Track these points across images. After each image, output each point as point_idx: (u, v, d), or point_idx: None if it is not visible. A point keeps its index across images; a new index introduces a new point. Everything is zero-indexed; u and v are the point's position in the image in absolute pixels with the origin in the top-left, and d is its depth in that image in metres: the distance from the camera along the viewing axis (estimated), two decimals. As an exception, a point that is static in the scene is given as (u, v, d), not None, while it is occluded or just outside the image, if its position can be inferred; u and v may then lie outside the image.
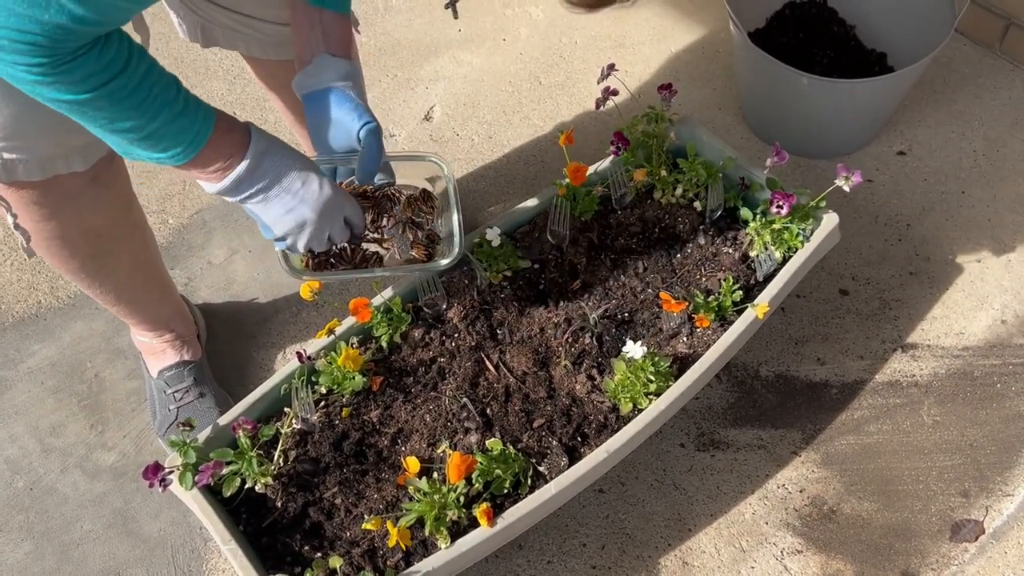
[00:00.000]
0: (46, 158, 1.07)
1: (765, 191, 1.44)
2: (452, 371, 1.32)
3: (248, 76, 2.00)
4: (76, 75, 0.87)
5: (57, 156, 1.08)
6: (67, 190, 1.14)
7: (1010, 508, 1.38)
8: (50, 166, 1.08)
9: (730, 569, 1.34)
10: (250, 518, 1.21)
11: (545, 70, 2.00)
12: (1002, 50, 1.92)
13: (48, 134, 1.05)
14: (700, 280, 1.40)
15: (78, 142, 1.10)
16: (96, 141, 1.11)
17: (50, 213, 1.15)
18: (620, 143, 1.43)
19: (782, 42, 1.84)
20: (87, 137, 1.10)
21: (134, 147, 0.97)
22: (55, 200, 1.14)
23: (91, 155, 1.13)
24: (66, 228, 1.19)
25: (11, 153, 1.04)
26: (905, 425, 1.47)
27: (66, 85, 0.87)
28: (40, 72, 0.84)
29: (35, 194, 1.11)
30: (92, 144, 1.12)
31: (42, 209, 1.14)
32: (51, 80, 0.85)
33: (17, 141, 1.03)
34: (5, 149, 1.03)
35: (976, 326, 1.57)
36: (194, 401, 1.48)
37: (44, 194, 1.12)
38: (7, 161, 1.04)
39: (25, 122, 1.01)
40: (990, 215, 1.70)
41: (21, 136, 1.03)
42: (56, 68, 0.84)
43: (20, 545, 1.42)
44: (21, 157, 1.05)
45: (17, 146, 1.03)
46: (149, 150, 0.97)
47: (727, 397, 1.51)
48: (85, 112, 0.91)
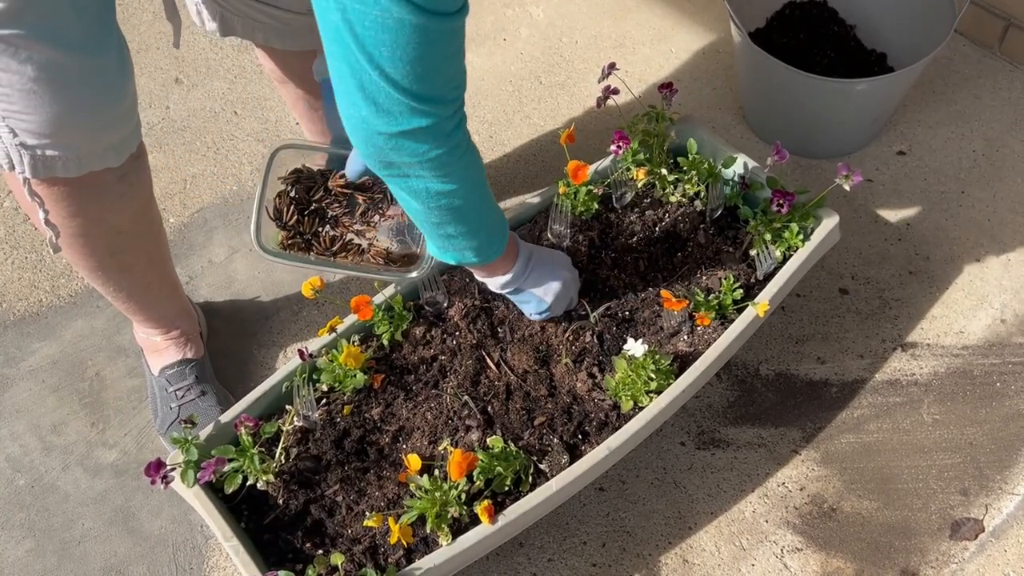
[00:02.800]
0: (84, 155, 1.08)
1: (765, 190, 1.44)
2: (453, 369, 1.32)
3: (249, 75, 2.00)
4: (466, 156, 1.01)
5: (95, 152, 1.09)
6: (97, 187, 1.14)
7: (1010, 506, 1.39)
8: (87, 162, 1.09)
9: (730, 567, 1.35)
10: (252, 515, 1.22)
11: (546, 70, 2.00)
12: (1002, 50, 1.93)
13: (89, 132, 1.07)
14: (700, 279, 1.41)
15: (115, 138, 1.11)
16: (129, 136, 1.14)
17: (78, 210, 1.16)
18: (621, 142, 1.43)
19: (782, 42, 1.84)
20: (122, 133, 1.12)
21: (466, 246, 1.13)
22: (84, 197, 1.15)
23: (123, 151, 1.14)
24: (91, 225, 1.19)
25: (52, 150, 1.04)
26: (905, 424, 1.47)
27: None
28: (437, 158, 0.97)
29: (67, 190, 1.12)
30: (126, 139, 1.13)
31: (70, 206, 1.14)
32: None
33: (59, 139, 1.04)
34: (47, 147, 1.04)
35: (976, 325, 1.57)
36: (196, 399, 1.48)
37: (75, 190, 1.13)
38: (47, 158, 1.05)
39: (70, 119, 1.03)
40: (990, 215, 1.70)
41: (64, 135, 1.03)
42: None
43: (21, 543, 1.42)
44: (61, 154, 1.05)
45: (58, 143, 1.04)
46: (485, 248, 1.15)
47: (727, 395, 1.51)
48: (452, 202, 1.04)
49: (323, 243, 1.31)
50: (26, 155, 1.03)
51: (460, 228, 1.09)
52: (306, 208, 1.33)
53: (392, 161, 0.97)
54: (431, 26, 0.84)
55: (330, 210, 1.33)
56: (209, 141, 1.89)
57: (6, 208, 1.80)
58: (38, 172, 1.06)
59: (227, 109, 1.95)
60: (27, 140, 1.02)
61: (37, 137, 1.02)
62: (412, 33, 0.83)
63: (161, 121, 1.93)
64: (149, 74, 2.00)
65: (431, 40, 0.85)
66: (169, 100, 1.96)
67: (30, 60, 0.95)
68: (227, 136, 1.90)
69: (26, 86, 0.97)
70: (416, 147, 0.95)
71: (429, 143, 0.95)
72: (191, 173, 1.84)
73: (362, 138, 0.95)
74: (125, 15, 2.12)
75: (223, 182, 1.83)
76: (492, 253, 1.18)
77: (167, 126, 1.92)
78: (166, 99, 1.97)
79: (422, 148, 0.95)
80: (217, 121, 1.93)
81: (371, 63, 0.86)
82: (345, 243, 1.32)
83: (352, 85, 0.89)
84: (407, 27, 0.83)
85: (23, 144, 1.02)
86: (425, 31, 0.84)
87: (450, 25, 0.86)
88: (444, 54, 0.88)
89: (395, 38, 0.83)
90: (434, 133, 0.94)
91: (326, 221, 1.34)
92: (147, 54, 2.04)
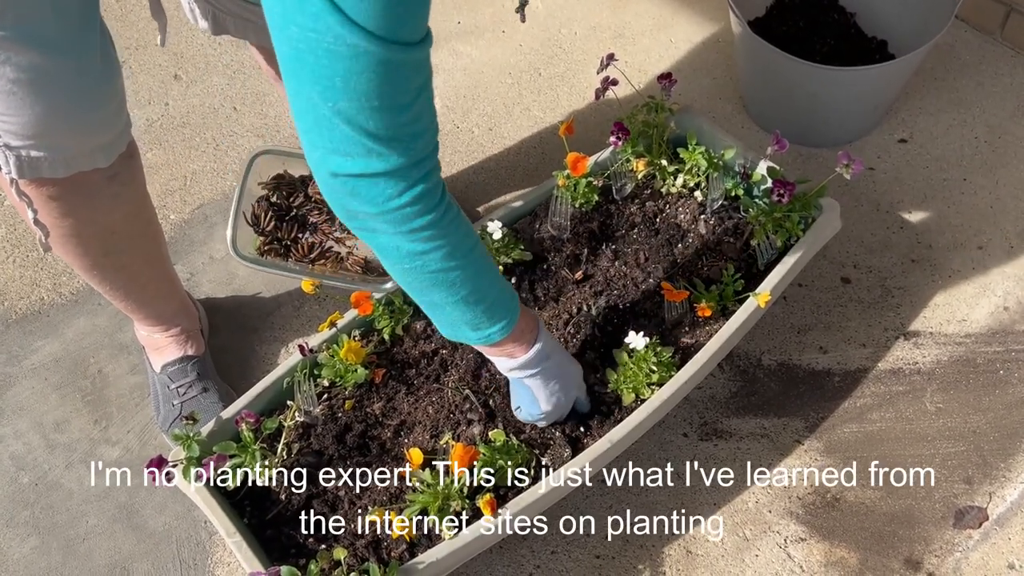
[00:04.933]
0: (71, 156, 1.07)
1: (766, 180, 1.43)
2: (454, 363, 1.32)
3: (248, 71, 2.00)
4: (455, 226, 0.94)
5: (82, 154, 1.08)
6: (87, 187, 1.14)
7: (1013, 494, 1.38)
8: (74, 163, 1.08)
9: (734, 558, 1.35)
10: (254, 511, 1.22)
11: (545, 61, 1.99)
12: (1003, 37, 1.91)
13: (75, 133, 1.06)
14: (702, 269, 1.40)
15: (102, 140, 1.10)
16: (117, 137, 1.13)
17: (68, 210, 1.15)
18: (620, 133, 1.43)
19: (782, 31, 1.83)
20: (110, 134, 1.11)
21: (464, 322, 1.04)
22: (74, 197, 1.14)
23: (112, 151, 1.13)
24: (83, 225, 1.19)
25: (37, 151, 1.03)
26: (908, 412, 1.47)
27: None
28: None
29: (55, 190, 1.11)
30: (115, 140, 1.12)
31: (61, 206, 1.14)
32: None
33: (44, 140, 1.03)
34: (32, 147, 1.03)
35: (978, 313, 1.56)
36: (198, 396, 1.48)
37: (64, 191, 1.12)
38: (32, 158, 1.04)
39: (53, 121, 1.02)
40: (992, 202, 1.70)
41: (48, 135, 1.03)
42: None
43: (26, 540, 1.42)
44: (46, 155, 1.05)
45: (43, 145, 1.03)
46: (484, 324, 1.05)
47: (729, 386, 1.51)
48: (450, 274, 0.97)
49: (301, 250, 1.29)
50: (11, 156, 1.02)
51: (445, 295, 0.99)
52: (286, 214, 1.31)
53: (353, 210, 0.90)
54: (389, 57, 0.77)
55: (310, 217, 1.31)
56: (209, 137, 1.89)
57: (7, 207, 1.80)
58: (24, 173, 1.05)
59: (226, 105, 1.94)
60: (11, 141, 1.01)
61: (20, 139, 1.01)
62: (368, 62, 0.77)
63: (160, 118, 1.92)
64: (148, 71, 2.00)
65: (388, 72, 0.79)
66: (168, 96, 1.96)
67: (9, 62, 0.94)
68: (227, 132, 1.90)
69: (6, 88, 0.96)
70: (375, 192, 0.87)
71: (390, 190, 0.86)
72: (191, 169, 1.84)
73: (322, 179, 0.88)
74: (122, 11, 2.11)
75: (223, 178, 1.82)
76: (493, 331, 1.05)
77: (166, 122, 1.92)
78: (165, 95, 1.96)
79: (382, 195, 0.87)
80: (216, 117, 1.92)
81: (323, 96, 0.80)
82: (324, 250, 1.30)
83: (309, 121, 0.83)
84: (362, 56, 0.76)
85: (7, 145, 1.01)
86: (382, 62, 0.77)
87: (411, 57, 0.80)
88: (404, 88, 0.81)
89: (349, 67, 0.77)
90: (394, 179, 0.86)
91: (306, 228, 1.32)
92: (145, 51, 2.03)
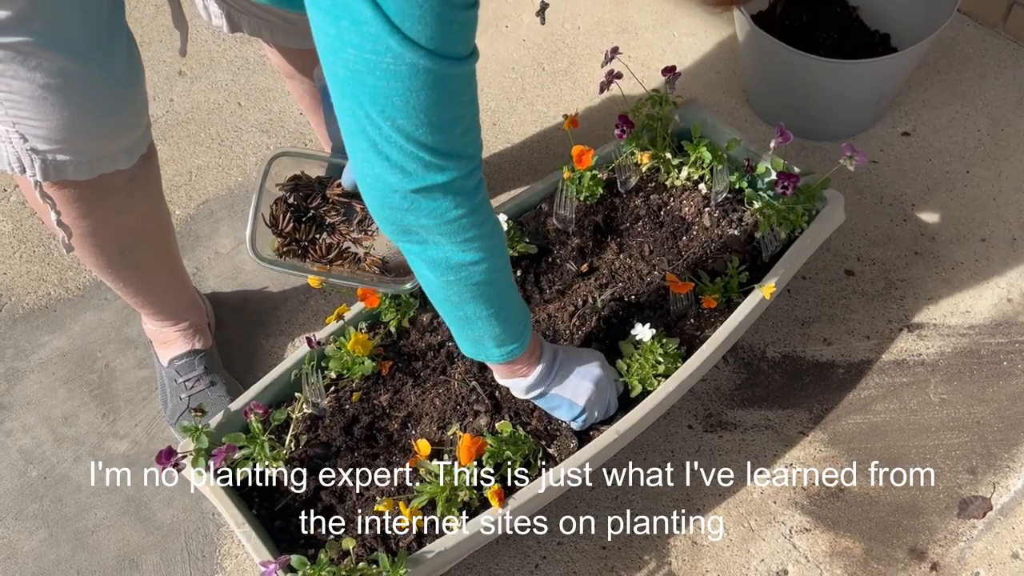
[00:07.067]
0: (96, 159, 1.08)
1: (770, 172, 1.44)
2: (460, 355, 1.33)
3: (252, 67, 2.00)
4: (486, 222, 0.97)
5: (106, 156, 1.10)
6: (107, 188, 1.15)
7: (1017, 484, 1.39)
8: (98, 165, 1.09)
9: (739, 548, 1.35)
10: (262, 502, 1.23)
11: (548, 56, 2.00)
12: (1006, 30, 1.92)
13: (100, 137, 1.07)
14: (706, 262, 1.41)
15: (126, 142, 1.12)
16: (140, 139, 1.14)
17: (88, 211, 1.16)
18: (625, 126, 1.43)
19: (785, 24, 1.84)
20: (133, 136, 1.12)
21: (488, 337, 1.08)
22: (94, 198, 1.15)
23: (135, 153, 1.14)
24: (100, 225, 1.20)
25: (63, 155, 1.04)
26: (912, 404, 1.47)
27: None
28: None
29: (77, 192, 1.12)
30: (137, 142, 1.14)
31: (81, 207, 1.15)
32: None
33: (70, 144, 1.04)
34: (58, 152, 1.04)
35: (982, 304, 1.57)
36: (205, 389, 1.49)
37: (85, 192, 1.13)
38: (58, 162, 1.05)
39: (80, 126, 1.03)
40: (995, 194, 1.70)
41: (75, 139, 1.04)
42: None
43: (35, 533, 1.43)
44: (72, 159, 1.06)
45: (69, 149, 1.04)
46: (508, 339, 1.09)
47: (734, 378, 1.51)
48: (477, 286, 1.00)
49: (319, 251, 1.30)
50: (37, 159, 1.03)
51: (480, 309, 1.04)
52: (303, 216, 1.32)
53: (409, 225, 0.93)
54: (444, 71, 0.81)
55: (327, 218, 1.32)
56: (213, 133, 1.90)
57: (12, 203, 1.80)
58: (49, 176, 1.06)
59: (231, 101, 1.95)
60: (38, 146, 1.02)
61: (48, 143, 1.02)
62: (426, 79, 0.81)
63: (165, 114, 1.93)
64: (153, 67, 2.01)
65: (444, 87, 0.83)
66: (173, 92, 1.97)
67: (40, 67, 0.95)
68: (231, 128, 1.90)
69: (36, 93, 0.97)
70: (433, 206, 0.90)
71: (447, 202, 0.90)
72: (196, 165, 1.85)
73: (377, 198, 0.92)
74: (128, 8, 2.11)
75: (228, 173, 1.83)
76: (514, 347, 1.10)
77: (171, 118, 1.92)
78: (170, 91, 1.97)
79: (440, 208, 0.91)
80: (221, 113, 1.93)
81: (383, 115, 0.83)
82: (341, 251, 1.31)
83: (363, 141, 0.86)
84: (420, 73, 0.80)
85: (34, 149, 1.02)
86: (438, 77, 0.81)
87: (462, 71, 0.84)
88: (457, 101, 0.86)
89: (408, 85, 0.81)
90: (452, 190, 0.90)
91: (323, 229, 1.33)
92: (150, 47, 2.04)
